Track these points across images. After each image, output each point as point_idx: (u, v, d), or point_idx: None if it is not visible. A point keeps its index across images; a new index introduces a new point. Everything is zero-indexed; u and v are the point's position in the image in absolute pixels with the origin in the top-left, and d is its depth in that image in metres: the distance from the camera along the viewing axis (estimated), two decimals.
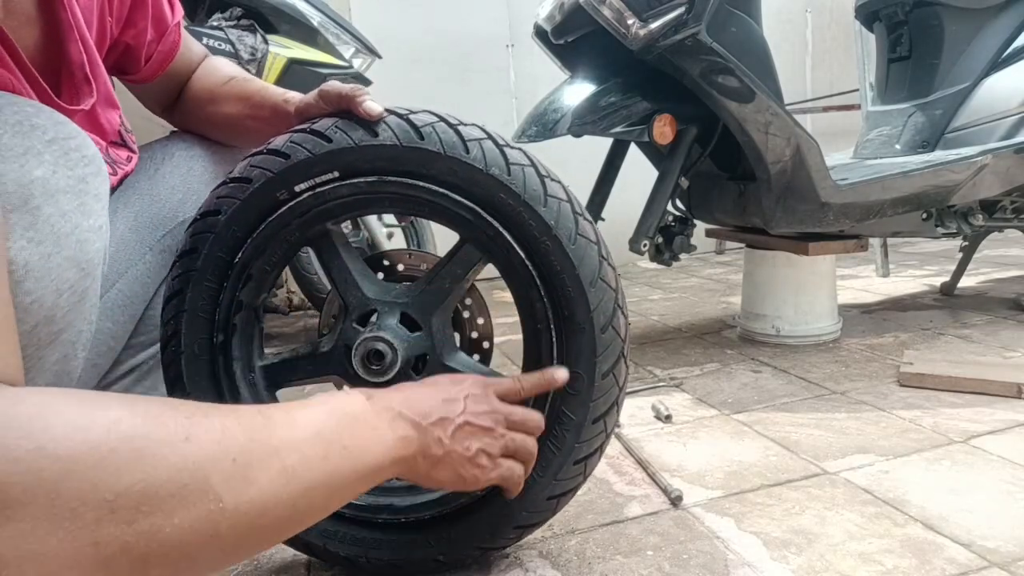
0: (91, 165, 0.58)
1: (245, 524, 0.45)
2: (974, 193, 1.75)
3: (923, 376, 1.42)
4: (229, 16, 1.79)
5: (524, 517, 0.83)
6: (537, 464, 0.78)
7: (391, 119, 0.76)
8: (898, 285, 2.46)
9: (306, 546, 0.84)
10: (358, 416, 0.57)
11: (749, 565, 0.86)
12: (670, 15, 1.37)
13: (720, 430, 1.28)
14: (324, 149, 0.75)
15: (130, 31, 0.85)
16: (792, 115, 1.51)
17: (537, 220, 0.75)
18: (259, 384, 0.84)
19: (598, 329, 0.77)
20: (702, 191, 1.84)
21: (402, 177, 0.76)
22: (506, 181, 0.75)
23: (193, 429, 0.44)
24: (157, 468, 0.41)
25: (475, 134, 0.76)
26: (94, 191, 0.58)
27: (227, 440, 0.45)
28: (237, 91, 0.94)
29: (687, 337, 1.98)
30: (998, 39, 1.92)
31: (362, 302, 0.81)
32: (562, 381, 0.76)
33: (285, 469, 0.48)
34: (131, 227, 0.87)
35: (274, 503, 0.47)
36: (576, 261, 0.76)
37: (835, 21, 3.65)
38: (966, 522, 0.92)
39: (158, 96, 0.97)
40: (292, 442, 0.49)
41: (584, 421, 0.79)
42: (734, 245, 3.32)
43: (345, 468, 0.53)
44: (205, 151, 0.94)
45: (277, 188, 0.76)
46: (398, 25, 3.02)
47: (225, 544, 0.44)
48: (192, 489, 0.42)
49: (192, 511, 0.42)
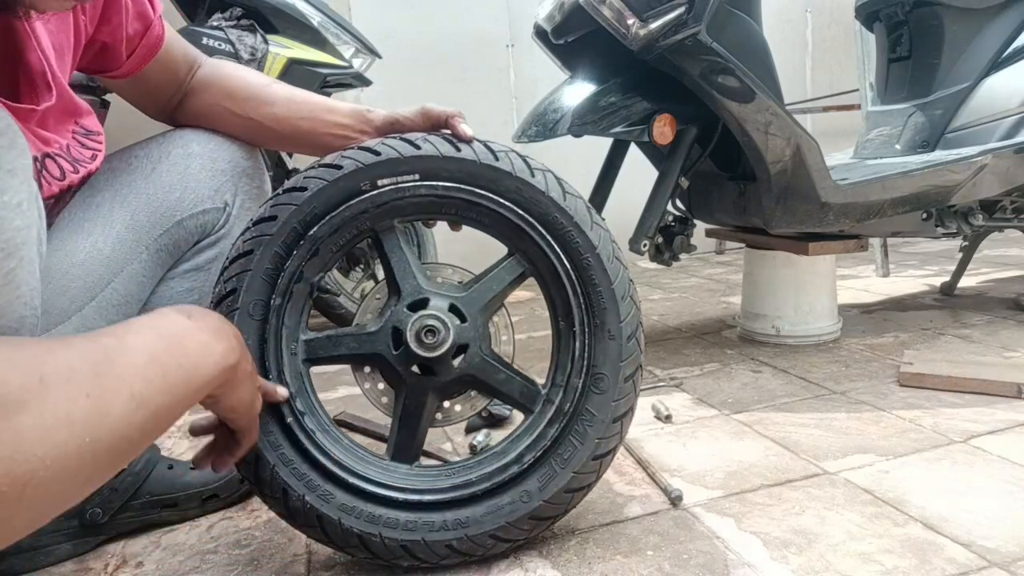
0: (3, 137, 0.54)
1: (105, 453, 0.48)
2: (974, 193, 1.75)
3: (923, 376, 1.42)
4: (229, 16, 1.79)
5: (541, 508, 0.88)
6: (559, 457, 0.88)
7: (473, 143, 0.89)
8: (898, 285, 2.46)
9: (319, 520, 0.85)
10: (186, 334, 0.60)
11: (749, 565, 0.86)
12: (670, 15, 1.37)
13: (720, 430, 1.29)
14: (412, 153, 0.87)
15: (105, 28, 0.85)
16: (792, 115, 1.51)
17: (584, 239, 0.89)
18: (299, 355, 0.89)
19: (625, 338, 0.90)
20: (702, 191, 1.84)
21: (475, 188, 0.88)
22: (563, 204, 0.89)
23: (44, 369, 0.45)
24: (21, 413, 0.42)
25: (539, 166, 0.91)
26: (7, 165, 0.54)
27: (76, 376, 0.46)
28: (287, 94, 0.98)
29: (687, 337, 1.98)
30: (998, 39, 1.91)
31: (416, 289, 0.90)
32: (282, 396, 0.84)
33: (133, 395, 0.50)
34: (128, 226, 0.87)
35: (128, 429, 0.50)
36: (612, 278, 0.90)
37: (835, 21, 3.65)
38: (966, 522, 0.92)
39: (156, 95, 0.96)
40: (134, 368, 0.52)
41: (606, 419, 0.89)
42: (734, 245, 3.32)
43: (183, 385, 0.57)
44: (202, 149, 0.93)
45: (362, 179, 0.86)
46: (398, 25, 3.02)
47: (89, 475, 0.47)
48: (59, 430, 0.44)
49: (61, 451, 0.44)
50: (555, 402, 0.91)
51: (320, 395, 0.92)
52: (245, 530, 1.03)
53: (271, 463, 0.84)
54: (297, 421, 0.86)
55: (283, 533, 1.01)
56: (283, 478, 0.84)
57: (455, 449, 1.29)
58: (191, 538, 1.02)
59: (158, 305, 0.91)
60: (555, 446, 0.89)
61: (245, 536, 1.01)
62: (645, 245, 1.64)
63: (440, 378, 0.89)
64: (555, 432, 0.89)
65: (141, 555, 0.99)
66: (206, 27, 1.77)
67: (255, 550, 0.97)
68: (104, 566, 0.96)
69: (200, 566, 0.94)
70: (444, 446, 1.30)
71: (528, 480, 0.88)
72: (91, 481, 0.48)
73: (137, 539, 1.03)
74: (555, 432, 0.89)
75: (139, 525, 1.04)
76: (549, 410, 0.91)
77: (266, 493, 0.86)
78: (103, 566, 0.96)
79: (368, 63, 2.09)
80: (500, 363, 0.92)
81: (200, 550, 0.99)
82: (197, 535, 1.03)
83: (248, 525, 1.05)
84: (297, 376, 0.88)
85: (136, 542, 1.03)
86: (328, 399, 1.57)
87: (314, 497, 0.85)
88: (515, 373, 0.93)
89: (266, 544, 0.99)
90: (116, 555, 0.99)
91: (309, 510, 0.85)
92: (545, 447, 0.88)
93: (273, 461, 0.85)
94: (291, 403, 0.86)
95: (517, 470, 0.88)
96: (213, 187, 0.93)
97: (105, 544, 1.02)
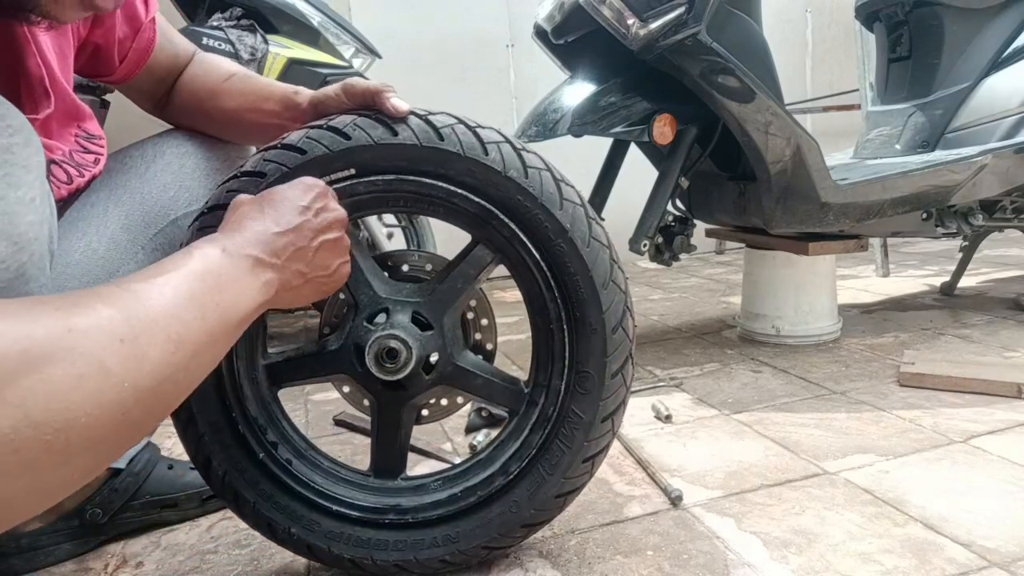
0: (18, 135, 0.55)
1: (149, 397, 0.47)
2: (974, 193, 1.75)
3: (923, 376, 1.42)
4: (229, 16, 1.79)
5: (532, 515, 0.83)
6: (547, 463, 0.82)
7: (412, 120, 0.76)
8: (898, 285, 2.46)
9: (309, 549, 0.84)
10: (222, 272, 0.59)
11: (749, 565, 0.86)
12: (670, 15, 1.37)
13: (720, 430, 1.28)
14: (342, 146, 0.75)
15: (98, 30, 0.84)
16: (792, 115, 1.51)
17: (553, 223, 0.77)
18: (262, 382, 0.84)
19: (609, 330, 0.79)
20: (702, 191, 1.84)
21: (420, 176, 0.77)
22: (524, 184, 0.76)
23: (70, 320, 0.44)
24: (51, 364, 0.41)
25: (494, 137, 0.77)
26: (22, 162, 0.55)
27: (105, 323, 0.46)
28: (240, 86, 0.94)
29: (687, 337, 1.98)
30: (998, 39, 1.91)
31: (374, 300, 0.81)
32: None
33: (170, 338, 0.50)
34: (122, 226, 0.87)
35: (170, 371, 0.49)
36: (590, 263, 0.78)
37: (835, 21, 3.65)
38: (966, 522, 0.92)
39: (147, 94, 0.96)
40: (169, 310, 0.51)
41: (594, 420, 0.81)
42: (734, 245, 3.32)
43: (222, 323, 0.56)
44: (197, 148, 0.93)
45: None
46: (398, 25, 3.02)
47: (136, 419, 0.47)
48: (92, 377, 0.43)
49: (99, 397, 0.43)
50: (539, 404, 0.84)
51: (319, 395, 0.91)
52: (245, 530, 1.03)
53: (251, 501, 0.82)
54: (270, 455, 0.83)
55: None
56: (266, 514, 0.82)
57: (455, 449, 1.29)
58: (191, 538, 1.02)
59: None
60: (541, 453, 0.82)
61: (245, 536, 1.01)
62: (645, 245, 1.64)
63: (412, 391, 0.84)
64: (540, 439, 0.83)
65: (141, 555, 0.99)
66: (206, 27, 1.77)
67: (255, 550, 0.97)
68: (104, 566, 0.96)
69: (200, 566, 0.94)
70: (444, 446, 1.30)
71: (516, 490, 0.83)
72: (141, 425, 0.48)
73: (137, 539, 1.03)
74: (540, 439, 0.83)
75: (139, 525, 1.04)
76: (533, 413, 0.84)
77: (254, 526, 0.84)
78: (103, 566, 0.96)
79: (368, 63, 2.09)
80: (476, 367, 0.85)
81: (200, 550, 0.99)
82: (197, 535, 1.03)
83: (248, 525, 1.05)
84: (263, 405, 0.84)
85: (136, 542, 1.03)
86: (328, 399, 1.57)
87: (300, 528, 0.83)
88: (494, 375, 0.86)
89: (266, 544, 0.98)
90: (116, 555, 0.99)
91: (297, 540, 0.83)
92: (531, 456, 0.83)
93: (252, 499, 0.82)
94: (262, 437, 0.83)
95: (503, 482, 0.83)
96: (207, 186, 0.93)
97: (105, 544, 1.02)
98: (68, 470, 0.43)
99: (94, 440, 0.44)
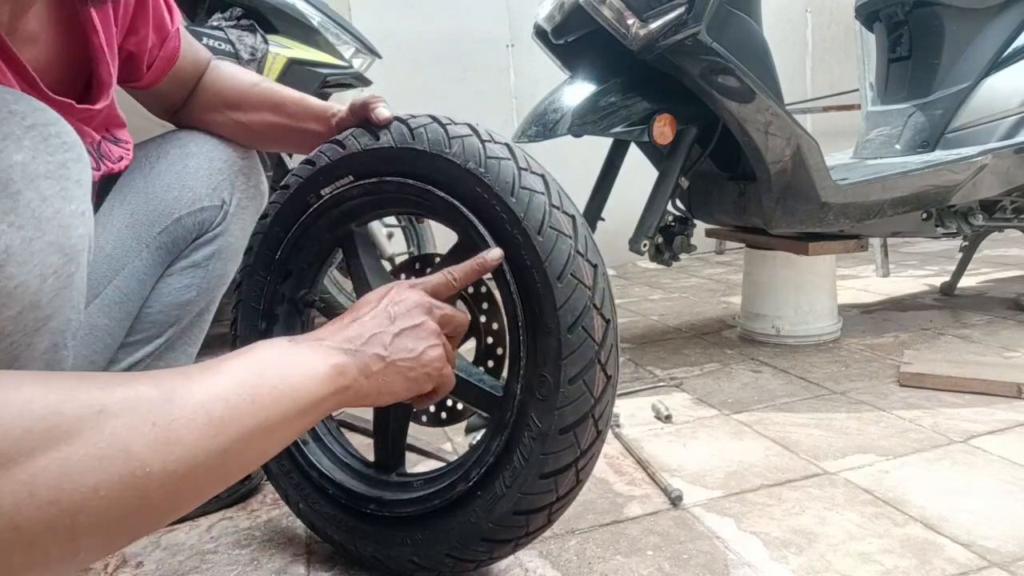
0: (71, 151, 0.58)
1: (176, 483, 0.45)
2: (974, 193, 1.75)
3: (923, 376, 1.42)
4: (229, 16, 1.79)
5: (491, 530, 0.77)
6: (505, 474, 0.75)
7: (393, 124, 0.81)
8: (898, 285, 2.46)
9: (311, 525, 0.91)
10: (283, 357, 0.56)
11: (749, 565, 0.86)
12: (670, 15, 1.37)
13: (720, 430, 1.28)
14: (340, 155, 0.83)
15: (132, 38, 0.86)
16: (792, 115, 1.51)
17: (508, 212, 0.73)
18: None
19: (564, 329, 0.71)
20: (702, 191, 1.84)
21: (397, 177, 0.80)
22: (480, 174, 0.74)
23: (106, 400, 0.43)
24: (72, 444, 0.40)
25: (461, 131, 0.76)
26: (75, 177, 0.58)
27: (142, 405, 0.44)
28: (269, 98, 0.97)
29: (687, 337, 1.98)
30: (998, 39, 1.91)
31: None
32: (494, 259, 0.72)
33: (212, 421, 0.47)
34: (127, 224, 0.88)
35: (204, 456, 0.46)
36: (542, 254, 0.71)
37: (835, 21, 3.65)
38: (966, 522, 0.92)
39: (164, 100, 0.98)
40: (215, 393, 0.48)
41: (549, 431, 0.73)
42: (734, 245, 3.32)
43: (279, 408, 0.52)
44: (200, 149, 0.95)
45: (307, 193, 0.86)
46: (398, 25, 3.02)
47: (157, 505, 0.44)
48: (113, 460, 0.42)
49: (116, 481, 0.41)
50: (501, 408, 0.78)
51: None
52: (245, 530, 1.03)
53: (274, 472, 0.93)
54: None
55: (283, 533, 1.01)
56: (284, 487, 0.92)
57: (455, 449, 1.29)
58: (191, 538, 1.02)
59: (157, 301, 0.92)
60: (500, 463, 0.76)
61: (245, 536, 1.01)
62: (645, 245, 1.64)
63: None
64: (497, 446, 0.76)
65: (141, 555, 0.99)
66: (206, 27, 1.77)
67: (255, 550, 0.97)
68: (104, 566, 0.96)
69: (200, 566, 0.94)
70: (444, 446, 1.30)
71: (476, 499, 0.77)
72: (164, 510, 0.46)
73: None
74: (497, 446, 0.76)
75: None
76: (496, 417, 0.79)
77: (278, 492, 0.94)
78: (103, 566, 0.96)
79: (368, 63, 2.09)
80: (465, 373, 0.81)
81: (200, 550, 0.99)
82: (197, 535, 1.03)
83: (248, 525, 1.05)
84: None
85: (136, 542, 1.03)
86: None
87: (306, 506, 0.90)
88: (471, 375, 0.81)
89: (266, 544, 0.99)
90: (116, 555, 0.99)
91: (304, 516, 0.92)
92: (488, 463, 0.76)
93: (276, 471, 0.92)
94: None
95: (463, 488, 0.78)
96: (211, 185, 0.94)
97: None
98: (73, 548, 0.41)
99: (105, 522, 0.42)
